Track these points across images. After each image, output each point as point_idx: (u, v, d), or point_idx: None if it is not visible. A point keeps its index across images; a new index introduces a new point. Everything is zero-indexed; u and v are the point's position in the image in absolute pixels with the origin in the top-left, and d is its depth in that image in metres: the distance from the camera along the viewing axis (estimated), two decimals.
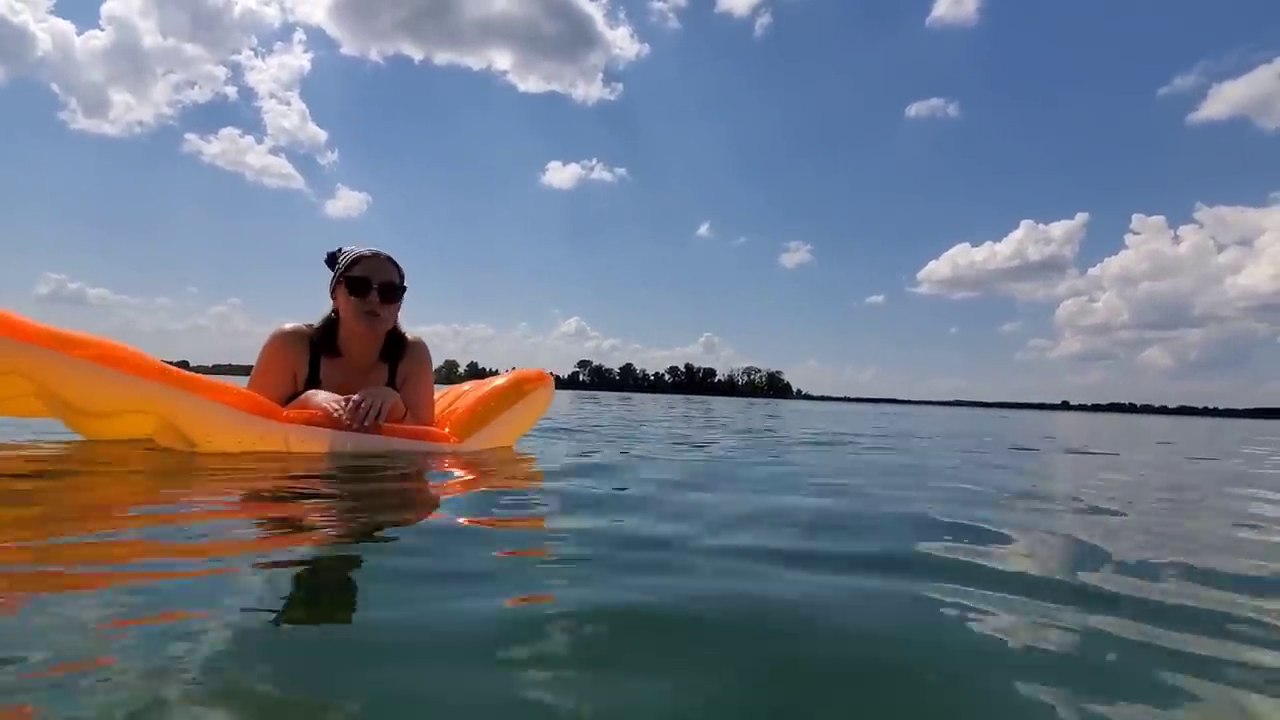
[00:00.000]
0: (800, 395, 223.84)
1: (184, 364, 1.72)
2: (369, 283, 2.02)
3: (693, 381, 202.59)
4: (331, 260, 2.11)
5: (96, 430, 1.85)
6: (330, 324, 2.08)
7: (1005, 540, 1.27)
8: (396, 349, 2.16)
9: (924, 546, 1.17)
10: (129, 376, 1.61)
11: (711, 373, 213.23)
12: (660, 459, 2.47)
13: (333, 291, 2.09)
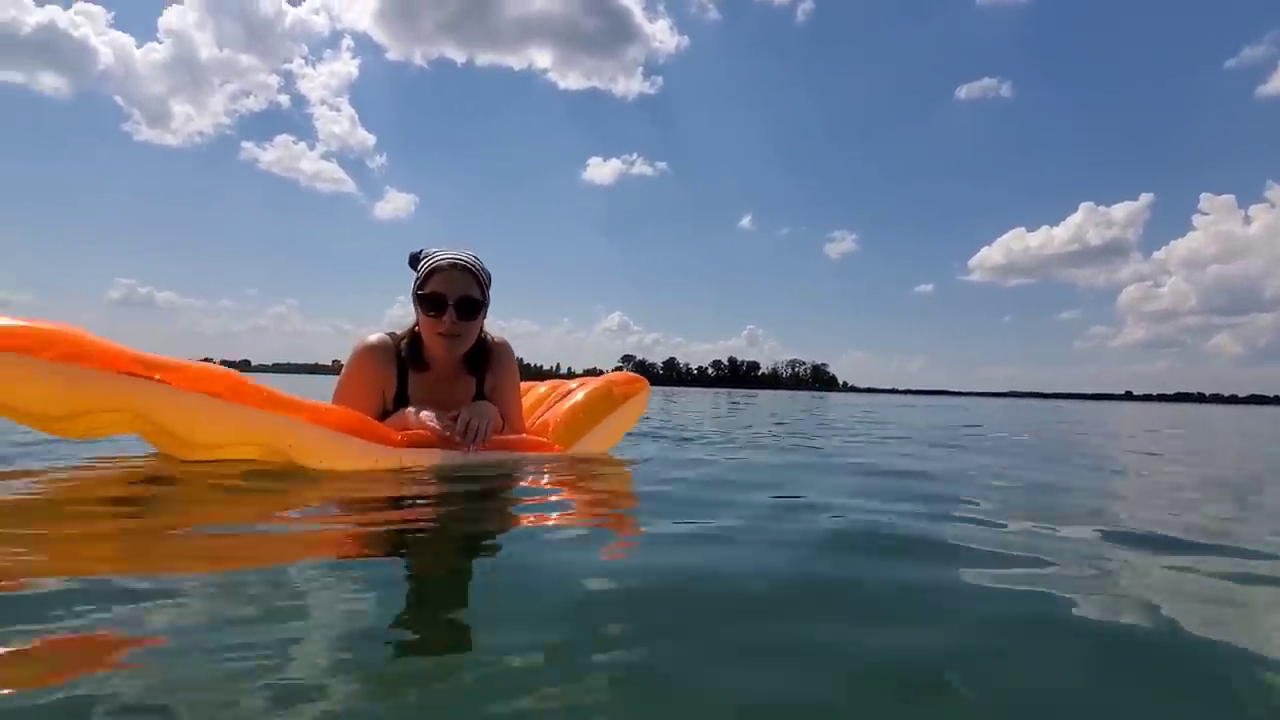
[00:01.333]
0: (846, 388, 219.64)
1: (245, 364, 1.64)
2: (444, 301, 1.86)
3: (736, 375, 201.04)
4: (414, 262, 1.98)
5: (196, 455, 1.72)
6: (415, 337, 1.96)
7: None
8: (482, 356, 2.05)
9: None
10: (238, 407, 1.56)
11: (755, 366, 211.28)
12: (840, 471, 2.33)
13: (414, 301, 1.96)
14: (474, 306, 1.91)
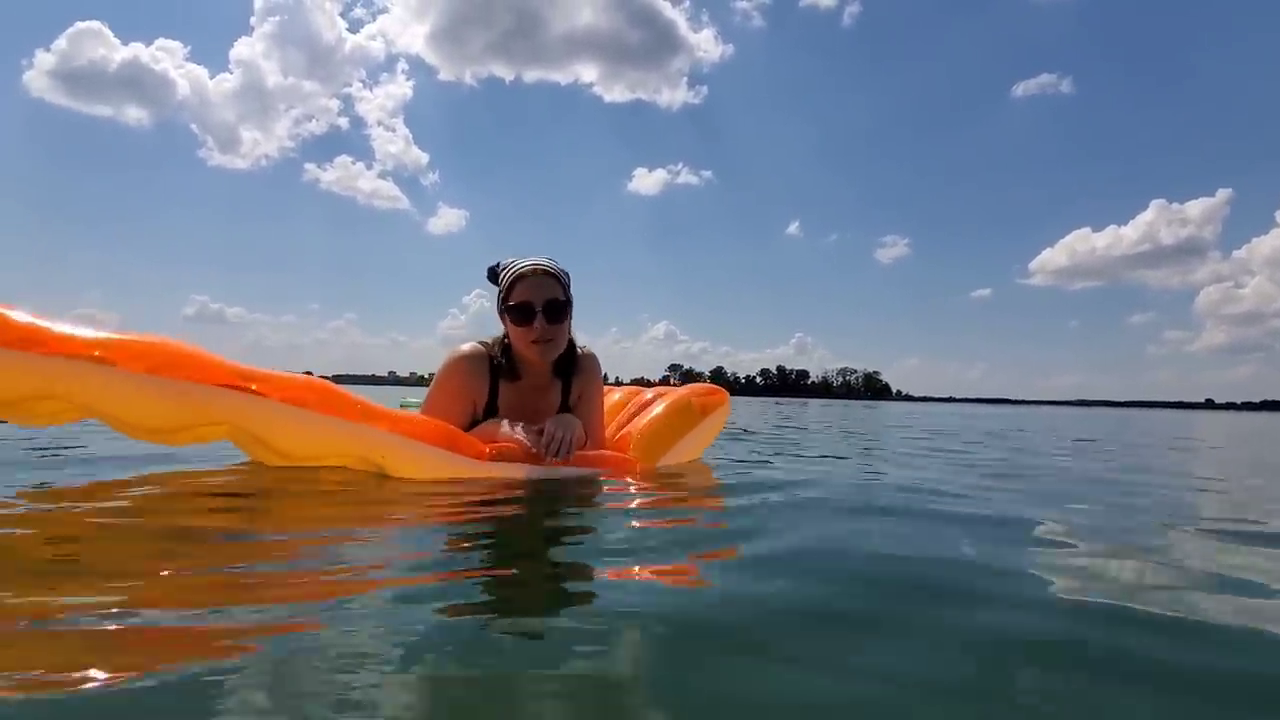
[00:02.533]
0: (900, 396, 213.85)
1: (307, 375, 1.68)
2: (532, 308, 1.88)
3: (785, 384, 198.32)
4: (493, 275, 2.01)
5: (289, 463, 1.73)
6: (506, 347, 1.98)
7: None
8: (570, 363, 2.05)
9: None
10: (331, 419, 1.56)
11: (804, 374, 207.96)
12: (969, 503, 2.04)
13: (500, 314, 1.99)
14: (561, 308, 1.92)
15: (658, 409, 2.22)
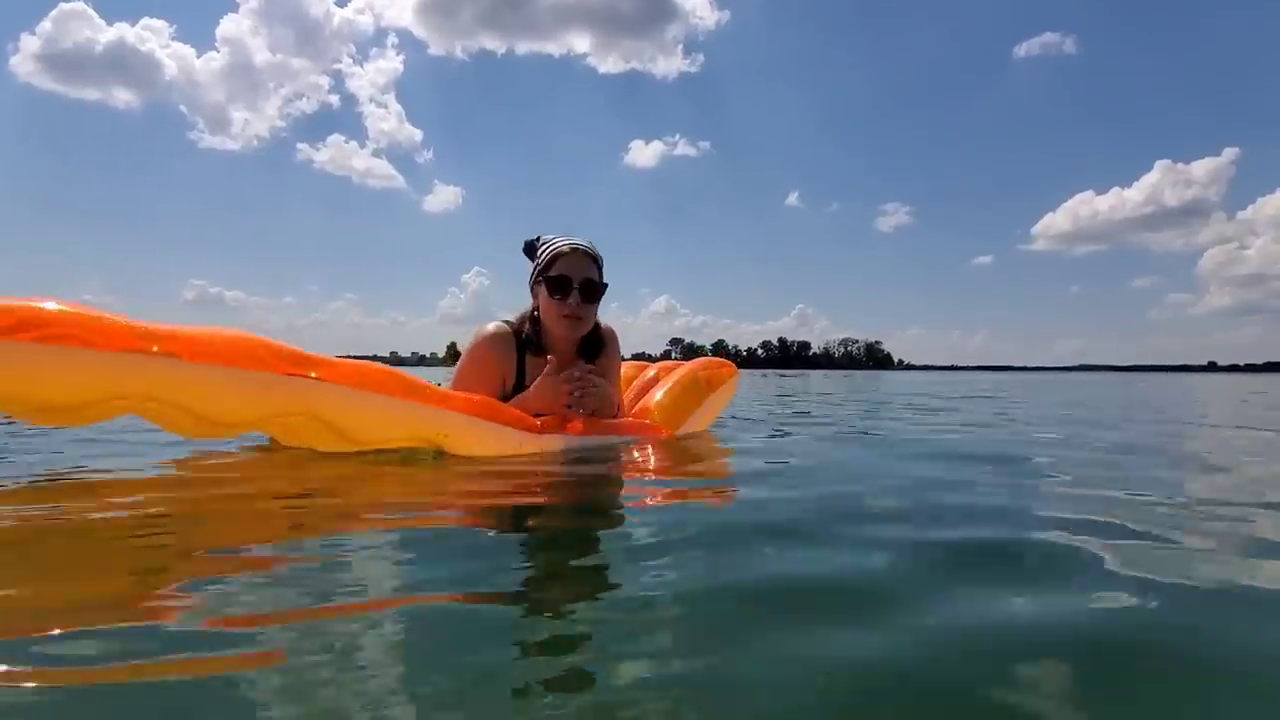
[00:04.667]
0: (903, 365, 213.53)
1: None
2: (569, 283, 1.95)
3: (786, 355, 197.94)
4: (529, 250, 2.07)
5: (351, 448, 1.71)
6: (535, 322, 2.04)
7: None
8: (595, 342, 2.13)
9: None
10: (394, 400, 1.61)
11: (806, 346, 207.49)
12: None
13: (532, 287, 2.06)
14: (596, 290, 2.01)
15: (668, 384, 2.33)
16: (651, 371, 2.53)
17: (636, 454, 1.97)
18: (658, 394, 2.31)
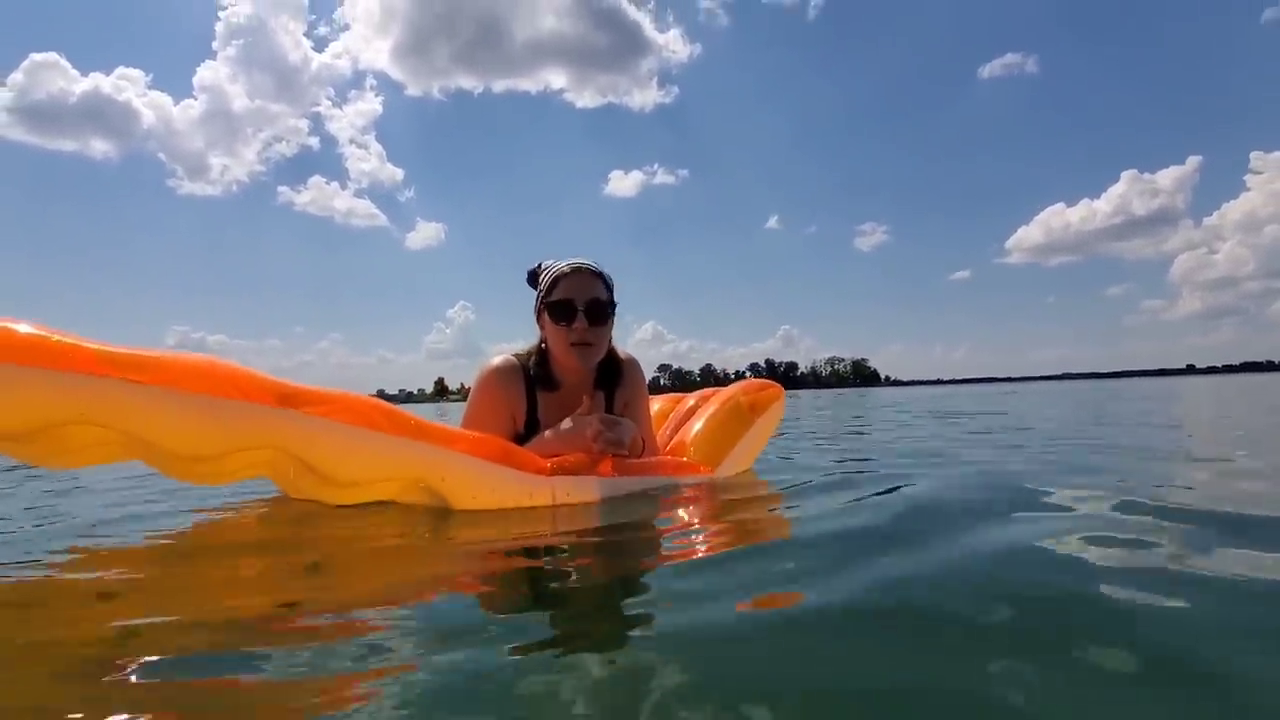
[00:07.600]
0: (890, 382, 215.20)
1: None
2: (573, 306, 1.74)
3: (774, 376, 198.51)
4: (532, 279, 1.87)
5: (337, 496, 1.53)
6: (542, 354, 1.84)
7: None
8: (612, 372, 1.91)
9: None
10: (386, 437, 1.38)
11: (793, 366, 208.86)
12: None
13: (537, 317, 1.86)
14: (604, 309, 1.80)
15: (708, 412, 2.06)
16: (691, 401, 2.25)
17: (665, 504, 1.63)
18: (696, 425, 2.03)
